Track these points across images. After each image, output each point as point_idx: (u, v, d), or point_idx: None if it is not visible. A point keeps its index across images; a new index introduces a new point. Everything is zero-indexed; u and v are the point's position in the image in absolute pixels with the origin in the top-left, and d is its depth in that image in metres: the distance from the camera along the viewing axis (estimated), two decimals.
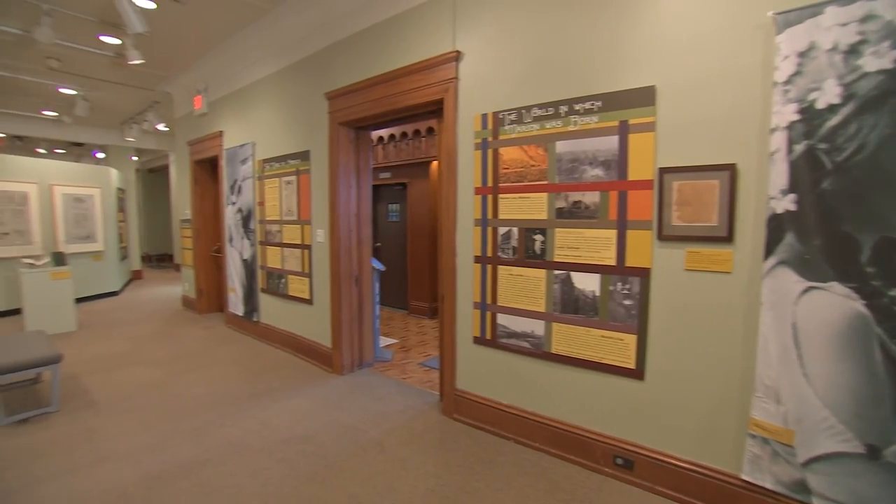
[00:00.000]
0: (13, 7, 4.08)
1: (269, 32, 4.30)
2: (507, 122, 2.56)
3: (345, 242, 3.73)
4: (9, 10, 4.17)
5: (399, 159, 6.05)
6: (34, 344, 3.33)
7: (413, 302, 6.18)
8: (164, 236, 13.09)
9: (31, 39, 4.64)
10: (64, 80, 6.14)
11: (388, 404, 3.29)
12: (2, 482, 2.35)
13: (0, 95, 6.81)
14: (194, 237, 6.21)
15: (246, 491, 2.27)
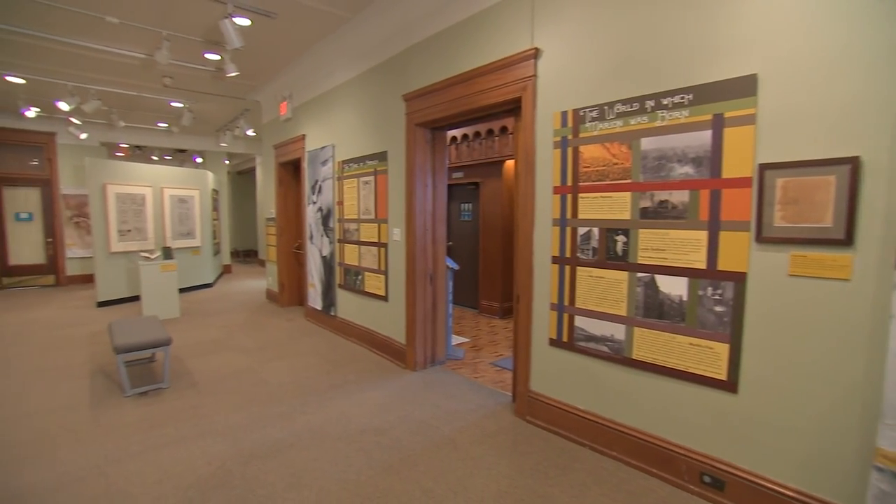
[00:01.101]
0: (140, 35, 4.64)
1: (349, 39, 4.51)
2: (588, 120, 2.48)
3: (420, 241, 3.82)
4: (137, 39, 4.76)
5: (471, 159, 6.09)
6: (150, 327, 3.76)
7: (484, 301, 6.19)
8: (251, 234, 14.18)
9: (152, 62, 5.29)
10: (174, 95, 6.87)
11: (460, 402, 3.32)
12: (128, 446, 2.68)
13: (127, 111, 7.76)
14: (278, 235, 6.66)
15: (327, 476, 2.40)
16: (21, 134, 8.49)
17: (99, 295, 6.80)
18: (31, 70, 5.87)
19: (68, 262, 8.98)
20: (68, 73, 5.94)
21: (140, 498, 2.21)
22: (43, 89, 6.54)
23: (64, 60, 5.49)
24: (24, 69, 5.85)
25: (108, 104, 7.13)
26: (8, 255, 8.55)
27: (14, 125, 8.32)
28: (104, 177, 6.84)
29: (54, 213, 8.85)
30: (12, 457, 2.59)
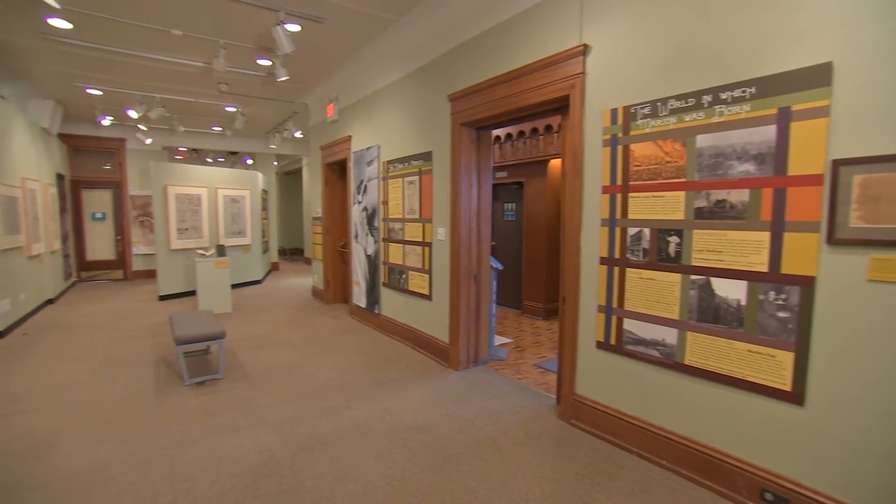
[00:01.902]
0: (199, 45, 4.90)
1: (395, 42, 4.57)
2: (639, 117, 2.40)
3: (465, 240, 3.83)
4: (197, 48, 5.03)
5: (515, 158, 6.03)
6: (206, 321, 3.96)
7: (527, 302, 6.12)
8: (297, 232, 14.67)
9: (210, 69, 5.59)
10: (229, 100, 7.22)
11: (503, 403, 3.30)
12: (189, 432, 2.84)
13: (186, 117, 8.23)
14: (323, 233, 6.85)
15: (373, 470, 2.45)
16: (97, 141, 9.19)
17: (160, 289, 7.25)
18: (107, 82, 6.35)
19: (134, 258, 9.63)
20: (137, 84, 6.37)
21: (199, 481, 2.34)
22: (116, 99, 7.05)
23: (134, 72, 5.89)
24: (101, 82, 6.34)
25: (170, 111, 7.58)
26: (85, 251, 9.31)
27: (91, 133, 9.01)
28: (165, 179, 7.28)
29: (123, 212, 9.51)
30: (91, 435, 2.81)
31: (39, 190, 6.68)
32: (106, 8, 4.14)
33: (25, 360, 4.30)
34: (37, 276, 6.39)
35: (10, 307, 5.26)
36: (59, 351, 4.59)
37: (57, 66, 5.79)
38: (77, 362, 4.22)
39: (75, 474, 2.41)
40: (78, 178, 9.18)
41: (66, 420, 3.04)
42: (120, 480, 2.36)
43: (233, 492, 2.26)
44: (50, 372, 3.97)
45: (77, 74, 6.07)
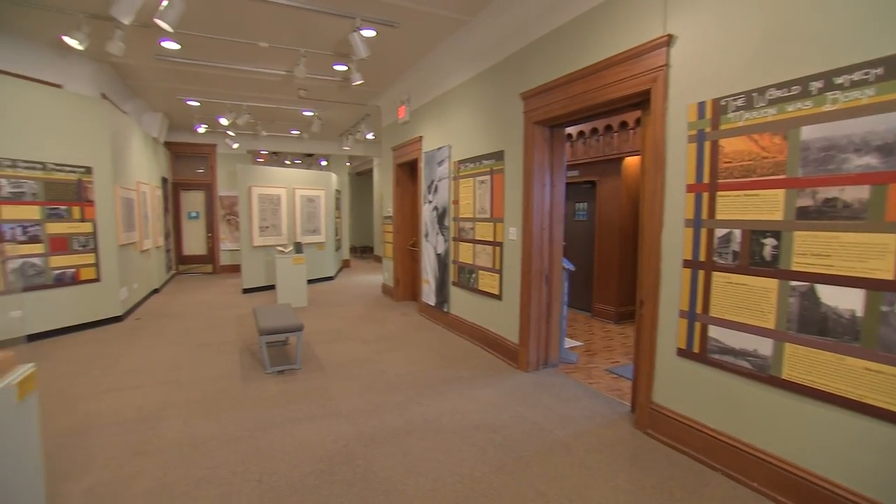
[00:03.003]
0: (282, 55, 5.24)
1: (466, 41, 4.59)
2: (731, 110, 2.23)
3: (537, 241, 3.77)
4: (280, 58, 5.38)
5: (588, 157, 5.84)
6: (286, 314, 4.22)
7: (598, 305, 5.91)
8: (367, 231, 15.22)
9: (291, 77, 5.95)
10: (307, 105, 7.64)
11: (574, 407, 3.21)
12: (272, 416, 3.05)
13: (268, 122, 8.83)
14: (394, 232, 7.04)
15: (443, 466, 2.48)
16: (193, 147, 10.14)
17: (244, 283, 7.83)
18: (204, 94, 6.99)
19: (222, 253, 10.49)
20: (228, 94, 6.94)
21: (281, 463, 2.50)
22: (210, 109, 7.73)
23: (226, 83, 6.42)
24: (199, 94, 6.99)
25: (255, 117, 8.17)
26: (182, 247, 10.31)
27: (188, 140, 9.96)
28: (250, 180, 7.84)
29: (213, 212, 10.40)
30: (191, 412, 3.10)
31: (149, 192, 7.48)
32: (206, 28, 4.55)
33: (138, 342, 4.84)
34: (146, 268, 7.16)
35: (126, 295, 5.94)
36: (163, 335, 5.11)
37: (165, 83, 6.47)
38: (178, 346, 4.68)
39: (180, 445, 2.68)
40: (177, 181, 10.17)
41: (171, 396, 3.38)
42: (215, 455, 2.58)
43: (312, 476, 2.38)
44: (157, 353, 4.44)
45: (180, 88, 6.73)
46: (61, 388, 3.52)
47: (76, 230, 5.13)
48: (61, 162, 4.97)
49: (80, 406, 3.23)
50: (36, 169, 4.76)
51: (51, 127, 4.87)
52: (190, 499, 2.19)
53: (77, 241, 5.14)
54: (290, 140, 10.85)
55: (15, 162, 4.61)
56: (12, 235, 4.61)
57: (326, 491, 2.25)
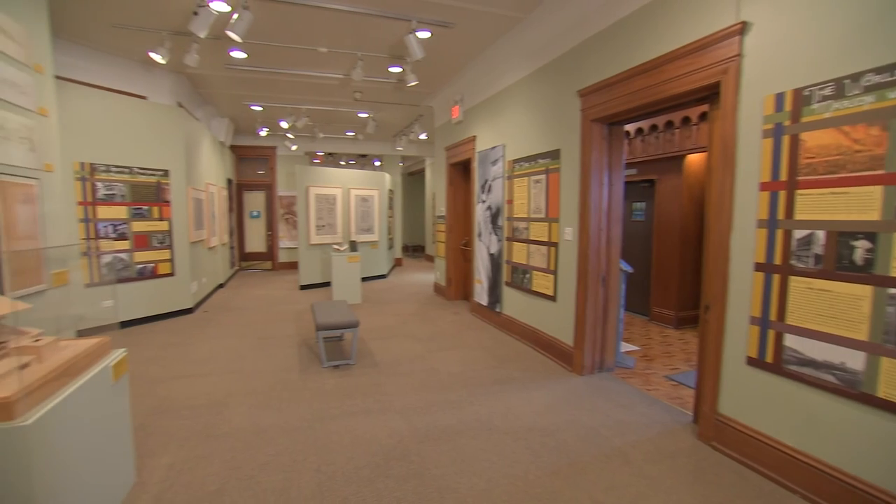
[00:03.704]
0: (340, 59, 5.41)
1: (521, 39, 4.54)
2: (816, 100, 2.06)
3: (594, 241, 3.66)
4: (338, 62, 5.56)
5: (646, 154, 5.60)
6: (342, 310, 4.35)
7: (656, 308, 5.66)
8: (419, 230, 15.41)
9: (348, 80, 6.14)
10: (362, 107, 7.85)
11: (631, 414, 3.09)
12: (328, 409, 3.16)
13: (325, 124, 9.15)
14: (447, 231, 7.08)
15: (496, 467, 2.47)
16: (255, 149, 10.70)
17: (301, 279, 8.15)
18: (266, 99, 7.35)
19: (280, 251, 11.00)
20: (288, 98, 7.26)
21: (338, 454, 2.58)
22: (272, 113, 8.12)
23: (287, 88, 6.72)
24: (262, 99, 7.37)
25: (313, 120, 8.49)
26: (245, 244, 10.91)
27: (251, 143, 10.51)
28: (308, 180, 8.16)
29: (272, 211, 10.92)
30: (254, 401, 3.27)
31: (216, 193, 7.97)
32: (270, 37, 4.78)
33: (206, 332, 5.17)
34: (213, 264, 7.64)
35: (196, 289, 6.37)
36: (228, 327, 5.43)
37: (232, 90, 6.87)
38: (241, 338, 4.95)
39: (245, 432, 2.83)
40: (241, 182, 10.77)
41: (236, 385, 3.58)
42: (277, 442, 2.70)
43: (367, 468, 2.44)
44: (223, 344, 4.72)
45: (245, 95, 7.12)
46: (142, 373, 3.83)
47: (155, 228, 5.56)
48: (144, 166, 5.40)
49: (158, 389, 3.50)
50: (124, 173, 5.21)
51: (137, 134, 5.31)
52: (255, 482, 2.31)
53: (155, 238, 5.57)
54: (345, 141, 11.20)
55: (109, 167, 5.07)
56: (105, 233, 5.07)
57: (381, 485, 2.30)
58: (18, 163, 2.48)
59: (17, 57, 2.54)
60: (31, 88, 2.64)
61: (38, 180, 2.62)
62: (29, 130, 2.58)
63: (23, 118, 2.54)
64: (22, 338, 1.63)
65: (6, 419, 1.32)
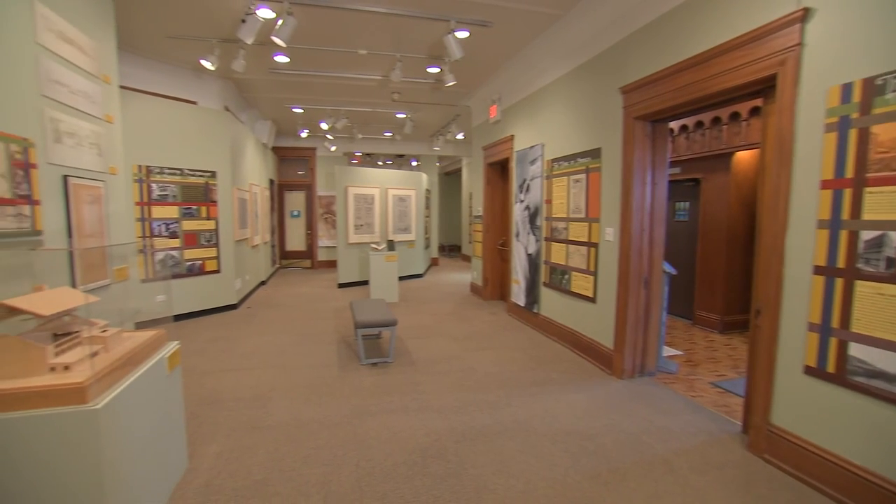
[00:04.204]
0: (378, 61, 5.49)
1: (560, 37, 4.46)
2: (890, 89, 1.92)
3: (636, 242, 3.56)
4: (377, 64, 5.65)
5: (691, 152, 5.40)
6: (380, 309, 4.41)
7: (700, 312, 5.45)
8: (455, 230, 15.44)
9: (386, 81, 6.23)
10: (400, 108, 7.93)
11: (674, 421, 2.99)
12: (367, 406, 3.21)
13: (363, 125, 9.31)
14: (484, 231, 7.06)
15: (533, 469, 2.44)
16: (295, 150, 11.01)
17: (339, 278, 8.33)
18: (307, 101, 7.56)
19: (319, 249, 11.27)
20: (328, 100, 7.43)
21: (376, 450, 2.62)
22: (312, 115, 8.33)
23: (327, 90, 6.88)
24: (303, 102, 7.58)
25: (351, 121, 8.65)
26: (285, 243, 11.25)
27: (292, 144, 10.83)
28: (346, 181, 8.32)
29: (312, 210, 11.21)
30: (296, 395, 3.37)
31: (259, 193, 8.25)
32: (311, 40, 4.91)
33: (250, 328, 5.37)
34: (255, 262, 7.92)
35: (240, 285, 6.62)
36: (270, 323, 5.62)
37: (275, 93, 7.10)
38: (282, 334, 5.11)
39: (287, 425, 2.92)
40: (282, 182, 11.11)
41: (278, 380, 3.70)
42: (318, 436, 2.77)
43: (405, 466, 2.47)
44: (265, 339, 4.88)
45: (287, 98, 7.35)
46: (192, 365, 4.01)
47: (203, 227, 5.81)
48: (194, 167, 5.66)
49: (206, 381, 3.66)
50: (176, 174, 5.48)
51: (187, 138, 5.58)
52: (297, 474, 2.38)
53: (203, 236, 5.82)
54: (383, 142, 11.36)
55: (162, 169, 5.35)
56: (159, 231, 5.36)
57: (419, 482, 2.32)
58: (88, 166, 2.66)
59: (89, 69, 2.73)
60: (100, 97, 2.83)
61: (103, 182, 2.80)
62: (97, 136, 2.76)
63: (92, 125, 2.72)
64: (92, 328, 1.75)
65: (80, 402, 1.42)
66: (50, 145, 2.33)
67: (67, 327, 1.72)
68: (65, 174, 2.45)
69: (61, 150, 2.42)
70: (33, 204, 2.16)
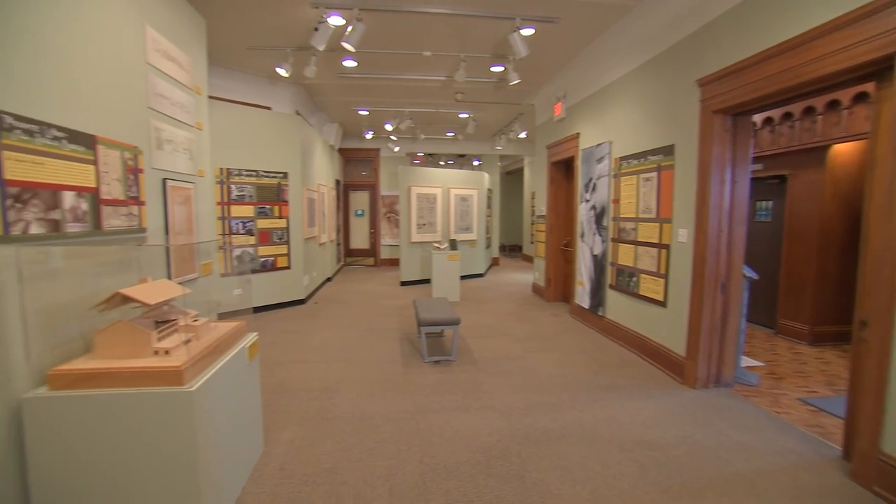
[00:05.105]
0: (443, 61, 5.55)
1: (630, 29, 4.28)
2: None
3: (712, 244, 3.34)
4: (441, 65, 5.72)
5: (777, 147, 4.97)
6: (443, 307, 4.46)
7: (784, 321, 5.01)
8: (516, 230, 15.29)
9: (450, 82, 6.28)
10: (463, 108, 7.97)
11: (756, 438, 2.77)
12: (430, 403, 3.25)
13: (426, 126, 9.46)
14: (547, 231, 6.93)
15: (599, 477, 2.36)
16: (360, 152, 11.40)
17: (402, 276, 8.51)
18: (372, 104, 7.80)
19: (382, 248, 11.59)
20: (393, 102, 7.62)
21: (440, 447, 2.65)
22: (377, 117, 8.58)
23: (391, 92, 7.06)
24: (368, 104, 7.83)
25: (415, 122, 8.81)
26: (350, 241, 11.69)
27: (357, 145, 11.22)
28: (409, 181, 8.48)
29: (375, 210, 11.54)
30: (361, 389, 3.49)
31: (326, 193, 8.63)
32: (377, 44, 5.05)
33: (317, 322, 5.63)
34: (322, 259, 8.29)
35: (308, 281, 6.97)
36: (336, 318, 5.86)
37: (342, 97, 7.40)
38: (348, 329, 5.31)
39: (353, 417, 3.03)
40: (347, 183, 11.54)
41: (344, 373, 3.85)
42: (382, 430, 2.85)
43: (468, 464, 2.48)
44: (332, 334, 5.10)
45: (353, 100, 7.62)
46: (264, 355, 4.27)
47: (275, 225, 6.17)
48: (268, 169, 6.03)
49: (278, 372, 3.88)
50: (252, 176, 5.86)
51: (262, 141, 5.95)
52: (363, 466, 2.46)
53: (275, 234, 6.18)
54: (445, 142, 11.47)
55: (240, 171, 5.75)
56: (236, 229, 5.76)
57: (482, 482, 2.32)
58: (182, 170, 2.92)
59: (185, 82, 3.00)
60: (193, 107, 3.09)
61: (193, 184, 3.05)
62: (189, 142, 3.02)
63: (186, 132, 2.99)
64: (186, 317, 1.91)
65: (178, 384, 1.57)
66: (153, 152, 2.58)
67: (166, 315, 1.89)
68: (164, 177, 2.70)
69: (162, 155, 2.67)
70: (140, 204, 2.40)
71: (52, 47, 1.79)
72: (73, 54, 1.93)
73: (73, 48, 1.93)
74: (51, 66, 1.78)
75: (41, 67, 1.73)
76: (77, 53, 1.95)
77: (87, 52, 2.02)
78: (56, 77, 1.81)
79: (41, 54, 1.73)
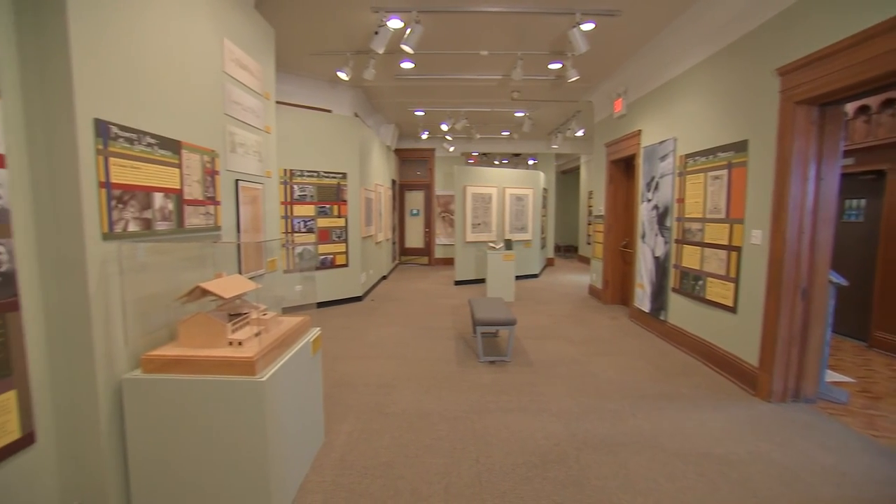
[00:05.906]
0: (499, 60, 5.52)
1: (697, 20, 4.05)
2: None
3: (791, 246, 3.09)
4: (497, 64, 5.69)
5: (872, 138, 4.50)
6: (499, 307, 4.44)
7: (879, 333, 4.53)
8: (572, 230, 14.92)
9: (506, 80, 6.24)
10: (519, 106, 7.89)
11: (847, 461, 2.53)
12: (485, 403, 3.25)
13: (481, 125, 9.45)
14: (605, 232, 6.70)
15: (663, 490, 2.25)
16: (416, 152, 11.57)
17: (456, 275, 8.55)
18: (428, 104, 7.89)
19: (436, 247, 11.70)
20: (448, 102, 7.67)
21: (496, 447, 2.64)
22: (433, 117, 8.68)
23: (447, 92, 7.11)
24: (424, 105, 7.94)
25: (470, 121, 8.82)
26: (405, 240, 11.91)
27: (412, 146, 11.40)
28: (465, 180, 8.50)
29: (430, 209, 11.68)
30: (417, 386, 3.54)
31: (383, 192, 8.84)
32: (434, 45, 5.10)
33: (373, 319, 5.78)
34: (378, 257, 8.50)
35: (365, 279, 7.17)
36: (392, 316, 5.98)
37: (399, 98, 7.54)
38: (403, 327, 5.40)
39: (409, 414, 3.08)
40: (402, 182, 11.76)
41: (400, 370, 3.92)
42: (438, 427, 2.88)
43: (524, 467, 2.45)
44: (388, 331, 5.21)
45: (410, 101, 7.74)
46: (325, 350, 4.44)
47: (334, 224, 6.40)
48: (328, 170, 6.27)
49: (338, 366, 4.02)
50: (313, 176, 6.12)
51: (323, 143, 6.20)
52: (419, 462, 2.50)
53: (334, 232, 6.41)
54: (500, 141, 11.40)
55: (302, 172, 6.03)
56: (298, 228, 6.04)
57: (538, 485, 2.28)
58: (252, 171, 3.10)
59: (256, 88, 3.19)
60: (262, 112, 3.28)
61: (261, 185, 3.24)
62: (258, 145, 3.21)
63: (256, 136, 3.18)
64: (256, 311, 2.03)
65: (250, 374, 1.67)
66: (227, 155, 2.77)
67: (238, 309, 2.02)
68: (236, 178, 2.89)
69: (235, 158, 2.85)
70: (216, 204, 2.58)
71: (145, 60, 1.97)
72: (163, 66, 2.10)
73: (163, 60, 2.11)
74: (145, 78, 1.96)
75: (138, 80, 1.91)
76: (166, 65, 2.13)
77: (175, 64, 2.20)
78: (149, 88, 1.99)
79: (138, 68, 1.91)
